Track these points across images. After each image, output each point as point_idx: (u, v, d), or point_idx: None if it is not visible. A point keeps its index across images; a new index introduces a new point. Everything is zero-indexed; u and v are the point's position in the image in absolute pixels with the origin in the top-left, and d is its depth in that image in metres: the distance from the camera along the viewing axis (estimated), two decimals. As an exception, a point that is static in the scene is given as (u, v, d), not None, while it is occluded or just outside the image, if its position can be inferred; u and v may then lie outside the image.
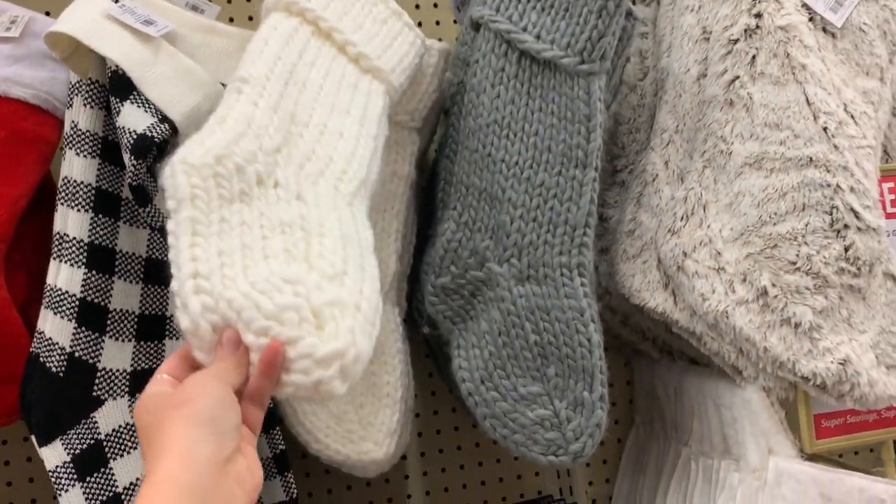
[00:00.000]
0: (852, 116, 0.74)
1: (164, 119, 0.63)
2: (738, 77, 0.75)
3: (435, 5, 0.97)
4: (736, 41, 0.76)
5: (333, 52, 0.66)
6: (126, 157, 0.62)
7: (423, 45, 0.74)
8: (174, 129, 0.64)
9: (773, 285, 0.71)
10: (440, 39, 0.89)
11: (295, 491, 0.76)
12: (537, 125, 0.74)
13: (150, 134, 0.62)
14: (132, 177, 0.62)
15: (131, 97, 0.63)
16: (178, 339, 0.69)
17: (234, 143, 0.56)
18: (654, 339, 0.92)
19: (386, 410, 0.79)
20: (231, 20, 0.89)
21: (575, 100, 0.72)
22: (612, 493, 1.01)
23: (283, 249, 0.52)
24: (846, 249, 0.71)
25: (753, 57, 0.75)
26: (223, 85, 0.68)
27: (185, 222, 0.51)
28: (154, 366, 0.68)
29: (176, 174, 0.52)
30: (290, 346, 0.47)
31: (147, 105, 0.63)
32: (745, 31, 0.75)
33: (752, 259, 0.72)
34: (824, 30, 0.77)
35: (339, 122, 0.63)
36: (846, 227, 0.71)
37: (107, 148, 0.67)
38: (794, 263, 0.71)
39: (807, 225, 0.71)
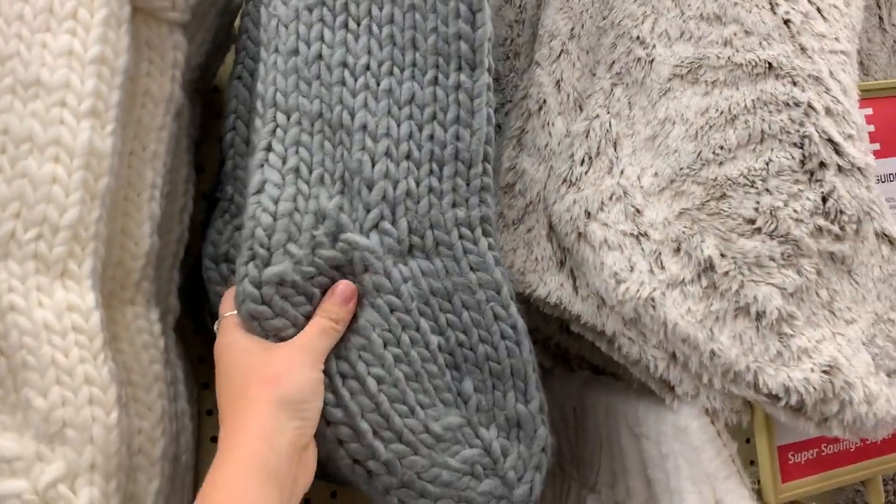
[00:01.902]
0: (818, 9, 0.51)
1: None
2: (659, -51, 0.50)
3: None
4: None
5: None
6: None
7: None
8: None
9: (723, 255, 0.47)
10: None
11: None
12: (390, 7, 0.48)
13: None
14: None
15: None
16: None
17: None
18: (544, 342, 0.67)
19: (136, 480, 0.49)
20: None
21: None
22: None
23: None
24: (824, 199, 0.47)
25: (680, -80, 0.50)
26: None
27: None
28: None
29: None
30: None
31: None
32: None
33: (689, 217, 0.48)
34: None
35: (35, 123, 0.43)
36: (822, 165, 0.48)
37: None
38: (753, 222, 0.47)
39: (768, 163, 0.47)
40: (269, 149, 0.48)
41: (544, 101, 0.55)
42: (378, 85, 0.48)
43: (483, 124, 0.48)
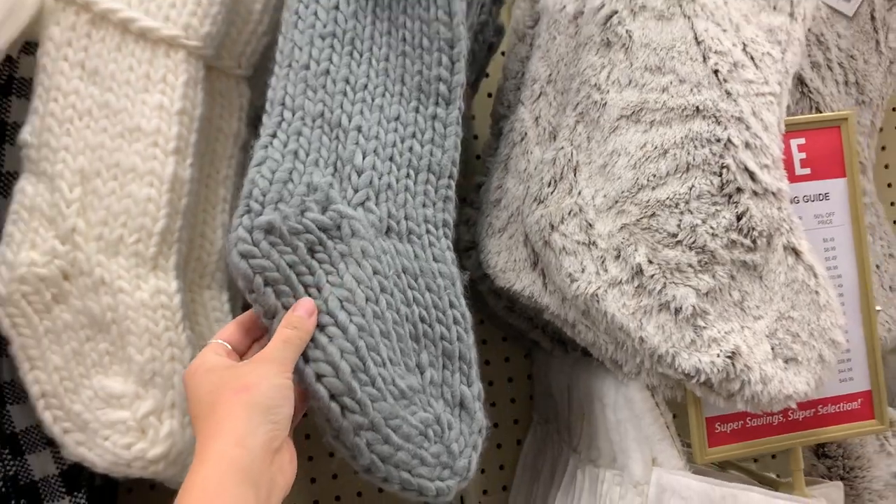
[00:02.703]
0: (752, 58, 0.62)
1: None
2: (616, 12, 0.62)
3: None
4: (615, -31, 0.63)
5: (117, 38, 0.60)
6: None
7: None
8: None
9: (650, 262, 0.58)
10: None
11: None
12: (387, 49, 0.61)
13: None
14: None
15: None
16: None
17: (31, 248, 0.58)
18: (543, 328, 0.80)
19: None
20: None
21: (433, 22, 0.60)
22: (508, 502, 0.89)
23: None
24: (738, 218, 0.58)
25: (634, -13, 0.62)
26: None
27: (18, 353, 0.58)
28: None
29: None
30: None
31: None
32: (626, -44, 0.62)
33: (628, 231, 0.60)
34: (724, -44, 0.64)
35: (136, 158, 0.60)
36: (739, 190, 0.58)
37: None
38: (675, 236, 0.58)
39: (691, 188, 0.59)
40: (273, 135, 0.57)
41: (525, 134, 0.68)
42: (373, 101, 0.59)
43: (451, 147, 0.59)
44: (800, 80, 0.85)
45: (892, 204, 1.02)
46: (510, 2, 0.82)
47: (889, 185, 1.02)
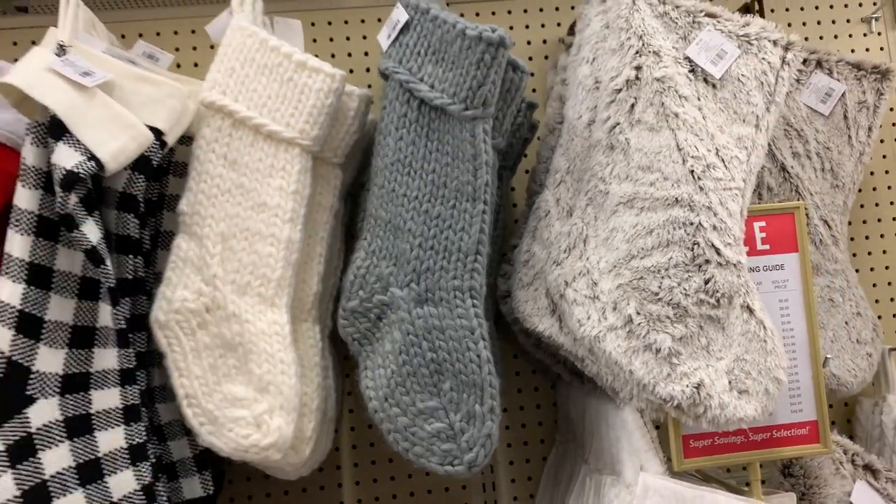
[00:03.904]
0: (723, 160, 0.81)
1: (91, 157, 0.74)
2: (618, 123, 0.83)
3: (366, 54, 1.07)
4: (619, 90, 0.83)
5: (250, 137, 0.83)
6: (56, 188, 0.73)
7: (335, 81, 0.82)
8: (100, 166, 0.74)
9: (638, 313, 0.78)
10: (370, 87, 0.99)
11: (212, 488, 0.85)
12: (434, 164, 0.82)
13: (76, 170, 0.72)
14: (60, 206, 0.73)
15: (64, 138, 0.74)
16: (106, 347, 0.79)
17: (184, 288, 0.82)
18: (563, 362, 0.99)
19: (302, 419, 0.87)
20: (178, 66, 1.00)
21: (463, 141, 0.81)
22: (534, 507, 1.07)
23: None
24: (706, 282, 0.77)
25: (632, 105, 0.82)
26: (149, 127, 0.78)
27: (170, 364, 0.81)
28: (84, 370, 0.78)
29: (155, 332, 0.82)
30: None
31: (77, 145, 0.74)
32: (627, 81, 0.83)
33: (622, 289, 0.79)
34: (706, 80, 0.84)
35: (261, 224, 0.82)
36: (707, 262, 0.77)
37: (49, 181, 0.78)
38: (657, 294, 0.77)
39: (670, 259, 0.78)
40: (365, 238, 0.85)
41: (549, 211, 0.88)
42: (421, 206, 0.81)
43: (476, 232, 0.80)
44: (782, 168, 1.04)
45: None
46: (544, 102, 1.03)
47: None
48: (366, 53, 1.06)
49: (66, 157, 0.73)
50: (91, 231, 0.75)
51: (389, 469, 1.06)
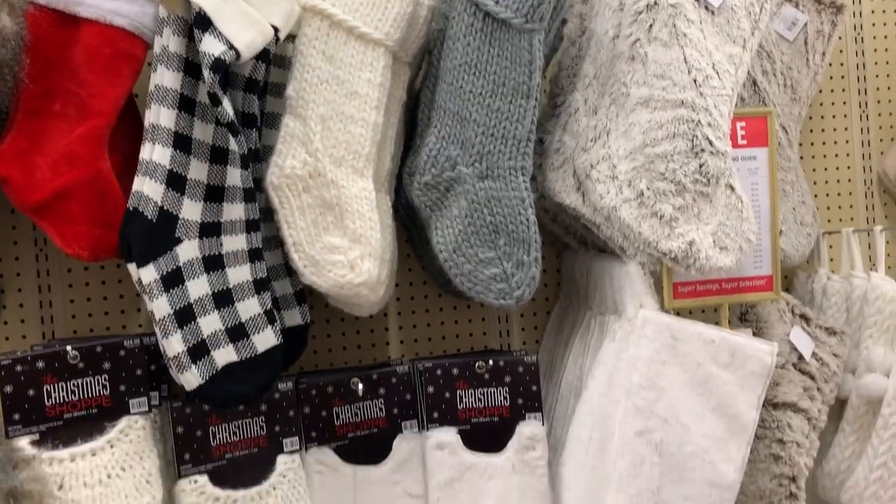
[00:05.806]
0: (717, 72, 1.04)
1: (231, 47, 0.92)
2: (638, 39, 1.04)
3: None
4: (640, 13, 1.05)
5: (344, 37, 1.01)
6: (206, 72, 0.91)
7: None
8: (238, 55, 0.93)
9: (648, 189, 1.02)
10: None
11: (309, 317, 1.08)
12: (496, 66, 1.03)
13: (222, 58, 0.91)
14: (209, 86, 0.91)
15: (210, 30, 0.92)
16: (233, 202, 1.00)
17: (292, 158, 1.00)
18: (574, 233, 1.23)
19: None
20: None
21: (521, 49, 1.01)
22: (539, 351, 1.34)
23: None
24: (700, 166, 1.02)
25: (651, 25, 1.04)
26: (272, 25, 0.96)
27: (280, 220, 1.00)
28: (216, 220, 0.99)
29: (269, 192, 1.00)
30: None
31: (220, 37, 0.92)
32: (647, 5, 1.04)
33: (636, 171, 1.03)
34: (706, 8, 1.06)
35: (353, 109, 1.02)
36: (702, 150, 1.02)
37: (188, 65, 0.96)
38: (663, 174, 1.02)
39: (674, 148, 1.02)
40: (435, 126, 1.04)
41: (578, 109, 1.10)
42: (485, 101, 1.01)
43: (528, 123, 1.01)
44: (753, 82, 1.28)
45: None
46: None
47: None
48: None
49: (213, 46, 0.91)
50: (229, 108, 0.94)
51: (427, 317, 1.31)
